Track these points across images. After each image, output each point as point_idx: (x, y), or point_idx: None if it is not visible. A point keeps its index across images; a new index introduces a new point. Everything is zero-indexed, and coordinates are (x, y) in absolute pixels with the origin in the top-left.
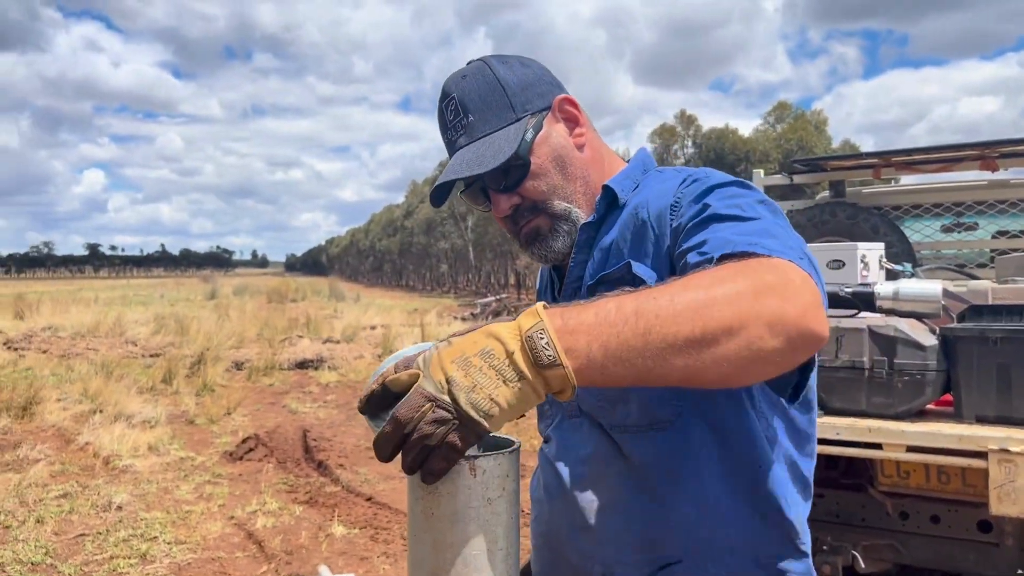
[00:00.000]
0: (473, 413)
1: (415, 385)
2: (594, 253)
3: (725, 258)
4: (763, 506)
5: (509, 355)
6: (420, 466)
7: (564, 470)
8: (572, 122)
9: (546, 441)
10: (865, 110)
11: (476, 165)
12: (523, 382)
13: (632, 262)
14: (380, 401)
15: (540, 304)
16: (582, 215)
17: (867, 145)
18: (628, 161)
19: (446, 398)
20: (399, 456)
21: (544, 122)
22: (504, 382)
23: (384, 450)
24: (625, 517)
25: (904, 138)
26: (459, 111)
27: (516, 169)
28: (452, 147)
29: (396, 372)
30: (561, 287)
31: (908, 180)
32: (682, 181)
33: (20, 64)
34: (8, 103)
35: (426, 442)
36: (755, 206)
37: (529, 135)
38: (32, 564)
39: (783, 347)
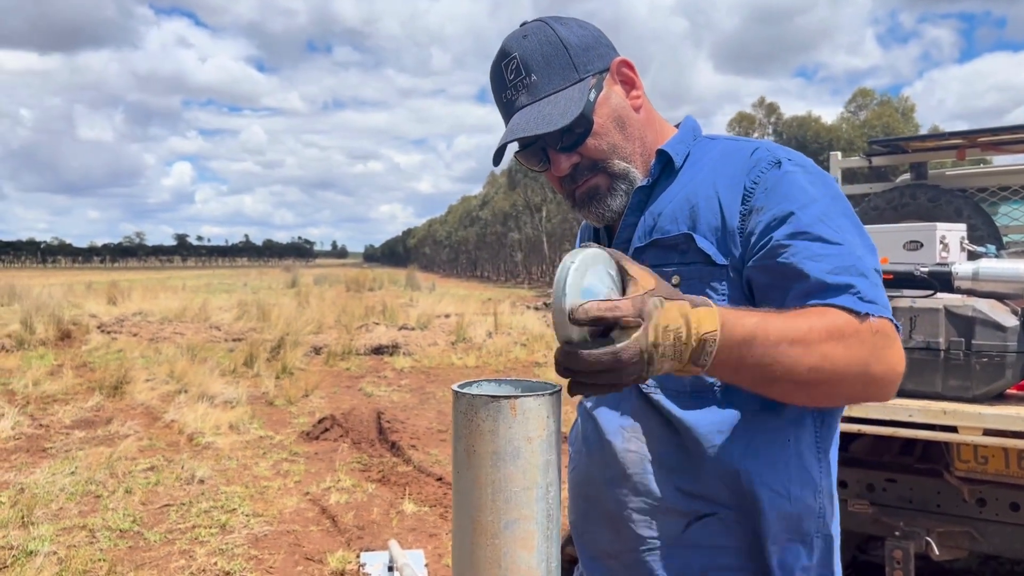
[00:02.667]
0: (649, 376)
1: (637, 335)
2: (644, 216)
3: (834, 307)
4: (791, 478)
5: (686, 345)
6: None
7: (603, 421)
8: (629, 84)
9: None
10: (959, 96)
11: (544, 124)
12: (675, 363)
13: (695, 235)
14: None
15: (717, 309)
16: (639, 176)
17: None
18: (678, 127)
19: (645, 358)
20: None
21: (604, 83)
22: (672, 359)
23: (577, 364)
24: (661, 469)
25: (1000, 123)
26: (520, 70)
27: (578, 128)
28: (511, 106)
29: (632, 312)
30: (609, 247)
31: (999, 161)
32: (751, 154)
33: (114, 61)
34: (103, 99)
35: (612, 379)
36: (830, 212)
37: (592, 95)
38: (120, 531)
39: (861, 396)
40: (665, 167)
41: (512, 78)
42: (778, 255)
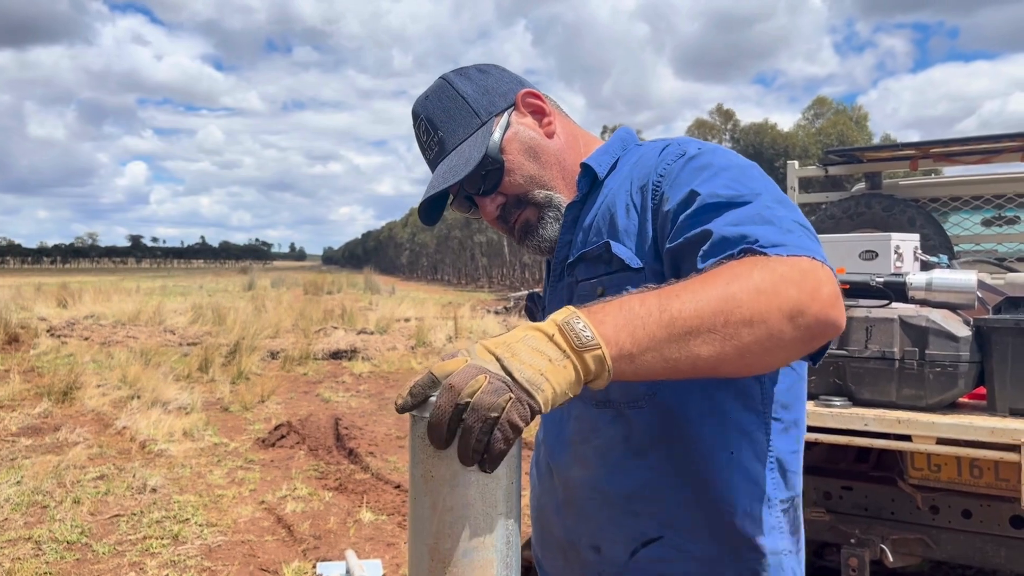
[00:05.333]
0: (527, 385)
1: (465, 362)
2: (577, 232)
3: (731, 258)
4: (735, 490)
5: (550, 337)
6: (483, 449)
7: (549, 448)
8: (539, 113)
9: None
10: (912, 105)
11: (450, 176)
12: (567, 360)
13: (611, 242)
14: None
15: (567, 307)
16: (564, 199)
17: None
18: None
19: (500, 372)
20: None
21: (511, 119)
22: (549, 360)
23: (439, 430)
24: (603, 494)
25: (951, 134)
26: (429, 129)
27: (492, 171)
28: (433, 165)
29: (443, 360)
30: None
31: (950, 172)
32: (660, 152)
33: (67, 57)
34: (55, 96)
35: (489, 414)
36: (742, 179)
37: (497, 135)
38: (68, 543)
39: (802, 336)
40: (594, 180)
41: (425, 138)
42: (685, 232)
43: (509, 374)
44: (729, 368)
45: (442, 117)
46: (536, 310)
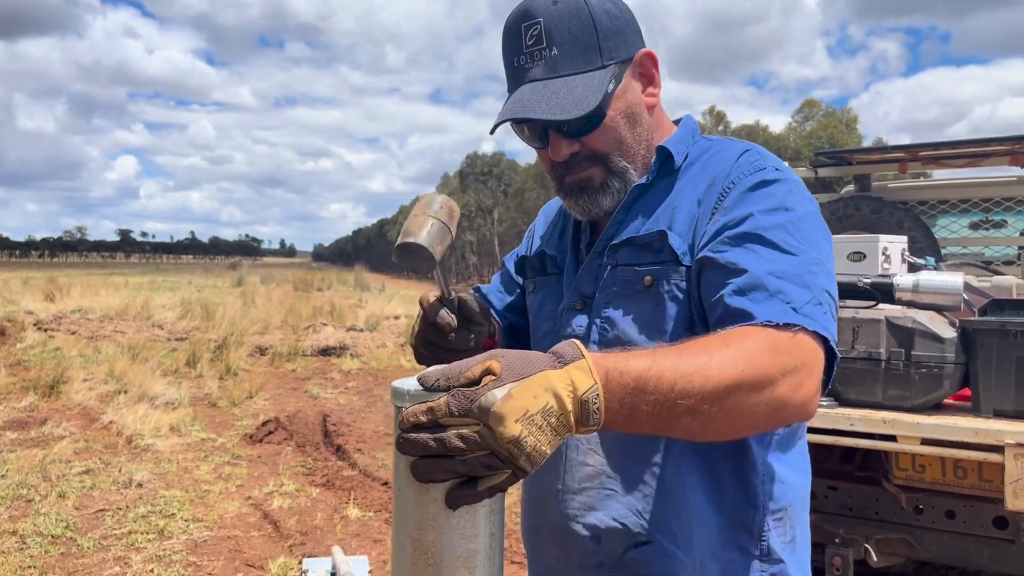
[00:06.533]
0: (529, 468)
1: (478, 431)
2: (631, 214)
3: (752, 322)
4: (727, 502)
5: (565, 414)
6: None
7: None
8: (648, 80)
9: None
10: (903, 108)
11: (557, 110)
12: (568, 434)
13: (668, 232)
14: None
15: (588, 355)
16: (635, 177)
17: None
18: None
19: (504, 452)
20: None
21: (624, 75)
22: (555, 435)
23: (407, 427)
24: (615, 485)
25: (942, 138)
26: (542, 39)
27: (588, 118)
28: (521, 72)
29: (450, 411)
30: (591, 242)
31: (939, 175)
32: (738, 157)
33: (57, 49)
34: (45, 88)
35: (468, 471)
36: (799, 225)
37: (611, 86)
38: (52, 537)
39: (773, 425)
40: (663, 165)
41: (531, 44)
42: (723, 250)
43: (515, 459)
44: (697, 438)
45: (565, 35)
46: (486, 305)
